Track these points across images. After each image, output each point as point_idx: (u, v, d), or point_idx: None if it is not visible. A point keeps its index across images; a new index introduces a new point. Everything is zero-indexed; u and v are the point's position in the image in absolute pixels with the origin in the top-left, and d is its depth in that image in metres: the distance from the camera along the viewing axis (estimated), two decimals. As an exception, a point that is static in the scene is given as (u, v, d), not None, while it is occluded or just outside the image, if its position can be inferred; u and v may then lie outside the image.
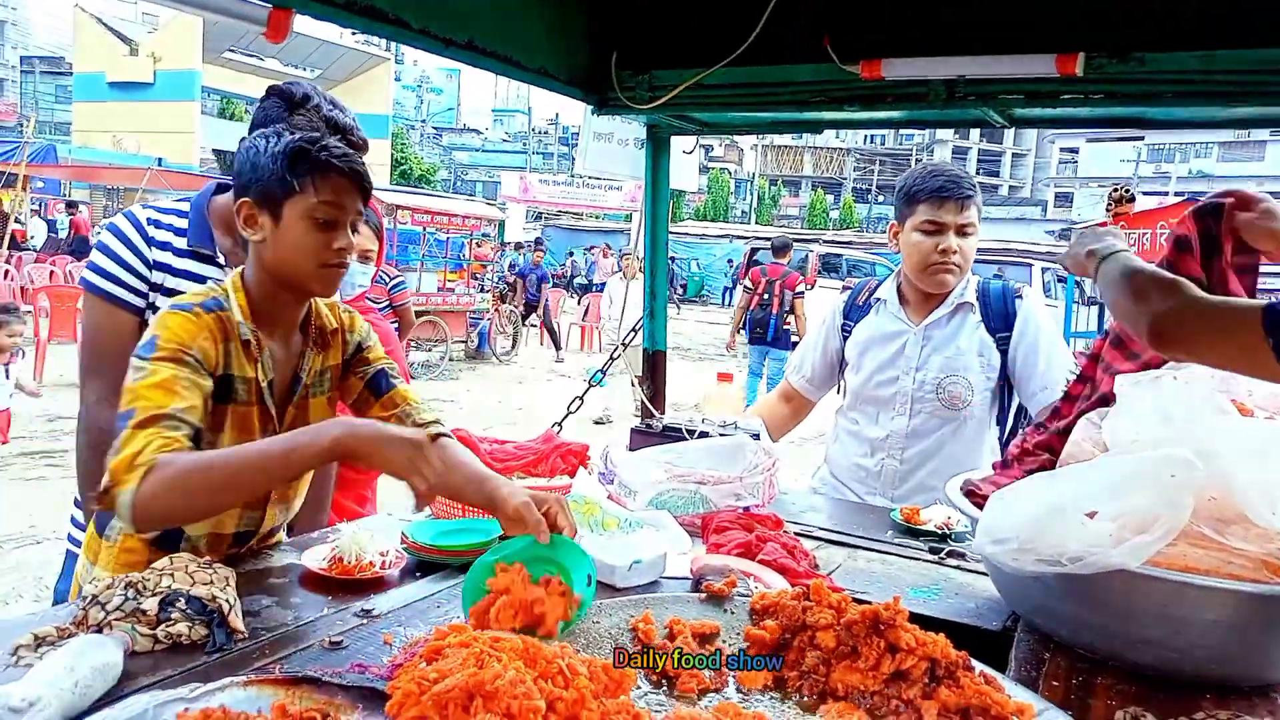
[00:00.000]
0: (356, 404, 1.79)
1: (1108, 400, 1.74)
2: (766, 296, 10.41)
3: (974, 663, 1.28)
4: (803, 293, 10.61)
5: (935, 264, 2.46)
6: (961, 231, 2.44)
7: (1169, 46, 1.85)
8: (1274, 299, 1.21)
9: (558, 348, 15.84)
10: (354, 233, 1.65)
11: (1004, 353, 2.50)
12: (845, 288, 3.43)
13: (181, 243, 2.05)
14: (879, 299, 2.66)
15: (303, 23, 1.79)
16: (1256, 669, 1.42)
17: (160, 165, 19.19)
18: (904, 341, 2.56)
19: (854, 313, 2.73)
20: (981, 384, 2.50)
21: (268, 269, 1.64)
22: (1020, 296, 2.56)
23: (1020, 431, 2.28)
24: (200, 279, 2.06)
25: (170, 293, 2.03)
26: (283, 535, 1.91)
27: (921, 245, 2.47)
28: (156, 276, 2.03)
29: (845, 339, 2.72)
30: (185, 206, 2.10)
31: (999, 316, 2.49)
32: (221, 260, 2.07)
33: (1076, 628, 1.50)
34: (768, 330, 10.40)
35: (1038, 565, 1.41)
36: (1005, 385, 2.54)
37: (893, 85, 2.14)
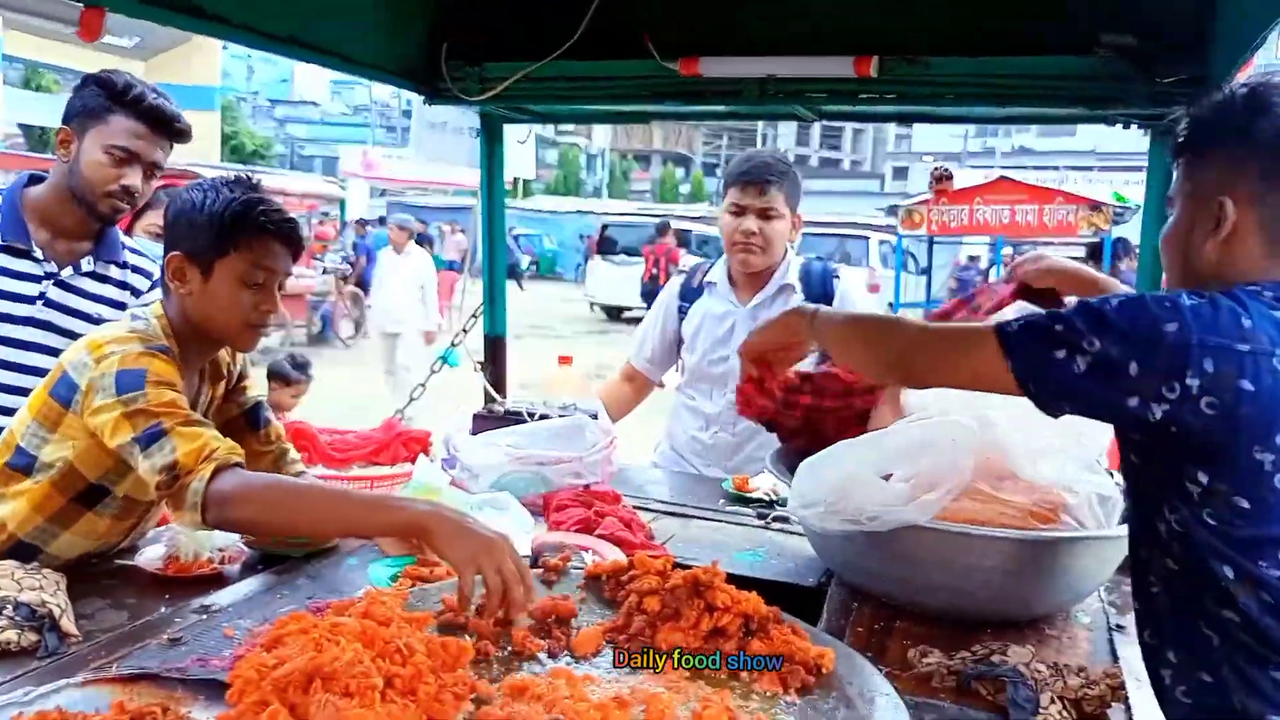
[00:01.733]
0: (230, 432, 1.73)
1: None
2: (655, 270, 13.01)
3: (784, 616, 1.42)
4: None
5: (738, 244, 2.63)
6: (764, 214, 2.60)
7: (950, 52, 2.05)
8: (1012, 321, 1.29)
9: None
10: (280, 290, 1.69)
11: None
12: (680, 271, 3.59)
13: (-9, 237, 1.96)
14: (710, 282, 2.80)
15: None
16: (1026, 606, 1.63)
17: (-42, 141, 17.54)
18: (732, 322, 2.71)
19: (689, 295, 2.86)
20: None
21: (191, 320, 1.66)
22: (837, 276, 2.75)
23: None
24: (14, 274, 1.98)
25: None
26: None
27: (728, 225, 2.65)
28: (-36, 273, 1.94)
29: (682, 320, 2.84)
30: None
31: (818, 296, 2.66)
32: (39, 254, 2.00)
33: (878, 579, 1.67)
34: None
35: (843, 525, 1.57)
36: None
37: (710, 82, 2.27)
